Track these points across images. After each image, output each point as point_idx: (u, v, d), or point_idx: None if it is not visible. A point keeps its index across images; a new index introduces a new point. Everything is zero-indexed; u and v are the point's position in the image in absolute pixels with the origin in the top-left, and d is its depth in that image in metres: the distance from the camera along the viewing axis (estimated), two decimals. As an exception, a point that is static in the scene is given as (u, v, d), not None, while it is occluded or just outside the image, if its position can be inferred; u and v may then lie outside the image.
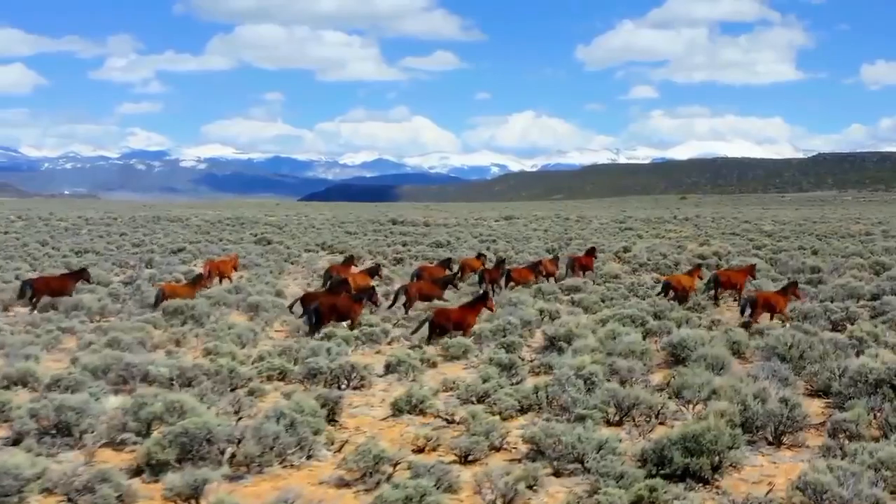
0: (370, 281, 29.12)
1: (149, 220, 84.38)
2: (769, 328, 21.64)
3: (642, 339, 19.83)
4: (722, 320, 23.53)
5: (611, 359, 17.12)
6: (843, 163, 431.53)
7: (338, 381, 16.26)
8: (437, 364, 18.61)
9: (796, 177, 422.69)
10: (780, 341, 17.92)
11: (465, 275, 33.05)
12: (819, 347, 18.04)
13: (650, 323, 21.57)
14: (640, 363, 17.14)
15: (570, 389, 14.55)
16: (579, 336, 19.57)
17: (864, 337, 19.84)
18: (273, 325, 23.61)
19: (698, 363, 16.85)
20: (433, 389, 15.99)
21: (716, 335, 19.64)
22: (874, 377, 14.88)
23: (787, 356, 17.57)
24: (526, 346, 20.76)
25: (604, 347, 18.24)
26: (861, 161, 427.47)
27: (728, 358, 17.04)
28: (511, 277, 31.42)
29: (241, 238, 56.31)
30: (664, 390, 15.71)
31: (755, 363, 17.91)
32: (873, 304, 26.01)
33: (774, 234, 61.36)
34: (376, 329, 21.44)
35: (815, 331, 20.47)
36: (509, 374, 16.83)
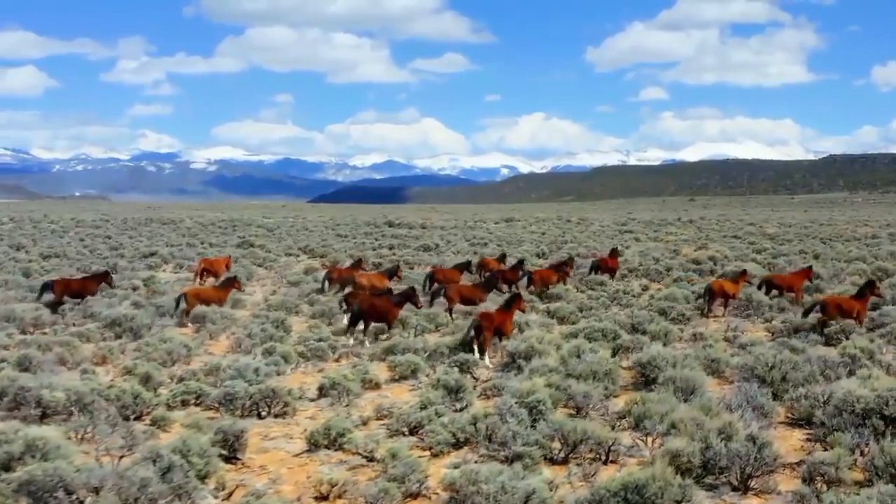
0: (387, 282, 27.95)
1: (140, 223, 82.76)
2: (752, 343, 19.73)
3: (611, 356, 18.03)
4: (704, 333, 21.59)
5: (569, 381, 15.28)
6: (853, 164, 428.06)
7: (257, 408, 14.45)
8: (380, 385, 16.78)
9: (807, 178, 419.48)
10: (760, 361, 16.01)
11: (483, 275, 32.54)
12: (805, 368, 16.15)
13: (623, 338, 19.66)
14: (601, 386, 15.30)
15: (510, 421, 12.69)
16: (541, 353, 17.70)
17: (857, 354, 17.91)
18: (218, 338, 21.80)
19: (666, 386, 14.98)
20: (364, 418, 14.18)
21: (689, 353, 17.71)
22: (861, 406, 12.98)
23: (768, 378, 15.69)
24: (488, 363, 18.93)
25: (565, 367, 16.36)
26: (872, 162, 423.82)
27: (700, 380, 15.12)
28: (532, 280, 30.17)
29: (225, 241, 54.54)
30: (625, 418, 13.93)
31: (734, 385, 16.08)
32: (872, 316, 24.09)
33: (777, 238, 59.31)
34: (324, 344, 19.59)
35: (802, 347, 18.57)
36: (454, 399, 14.99)
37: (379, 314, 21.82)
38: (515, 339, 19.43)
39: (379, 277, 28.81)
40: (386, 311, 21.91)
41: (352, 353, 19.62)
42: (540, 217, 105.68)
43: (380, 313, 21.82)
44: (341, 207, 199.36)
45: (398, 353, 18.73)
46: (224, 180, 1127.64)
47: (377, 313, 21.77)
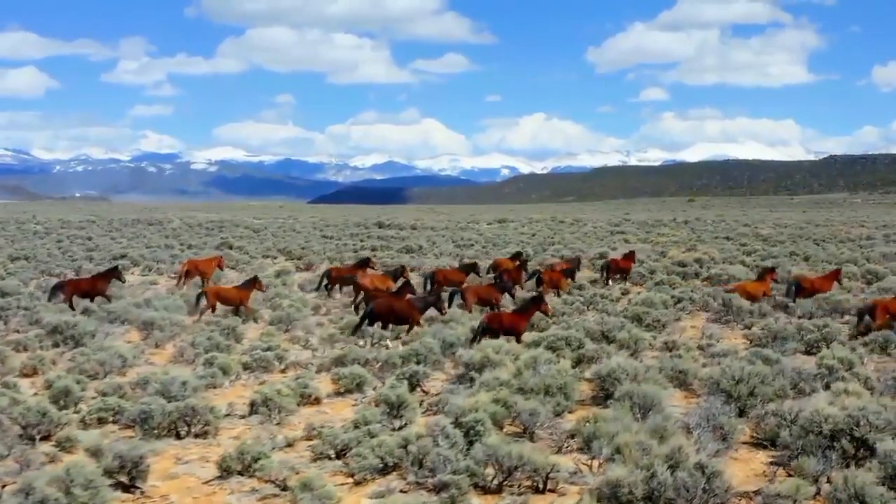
0: (390, 283, 27.05)
1: (126, 224, 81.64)
2: (726, 352, 18.57)
3: (573, 367, 16.88)
4: (677, 342, 20.41)
5: (520, 396, 14.14)
6: (854, 165, 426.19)
7: (175, 427, 13.29)
8: (320, 401, 15.62)
9: (807, 179, 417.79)
10: (727, 374, 14.84)
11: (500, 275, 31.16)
12: (775, 381, 14.99)
13: (587, 347, 18.48)
14: (553, 402, 14.15)
15: (442, 444, 11.54)
16: (496, 364, 16.55)
17: (834, 365, 16.75)
18: (164, 347, 20.65)
19: (622, 402, 13.82)
20: (290, 439, 13.03)
21: (654, 364, 16.54)
22: (830, 427, 11.84)
23: (734, 393, 14.52)
24: (443, 375, 17.82)
25: (518, 380, 15.19)
26: (873, 163, 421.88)
27: (659, 395, 13.95)
28: (542, 280, 29.34)
29: (206, 243, 53.39)
30: (574, 437, 12.80)
31: (700, 399, 14.96)
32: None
33: (770, 239, 58.13)
34: (270, 354, 18.42)
35: (777, 357, 17.40)
36: (395, 416, 13.84)
37: (398, 317, 21.11)
38: (474, 349, 18.27)
39: (382, 278, 27.87)
40: (406, 313, 21.12)
41: (299, 363, 18.45)
42: (534, 218, 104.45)
43: (398, 316, 21.10)
44: (339, 208, 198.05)
45: (347, 363, 17.59)
46: (225, 181, 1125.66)
47: (395, 315, 21.07)
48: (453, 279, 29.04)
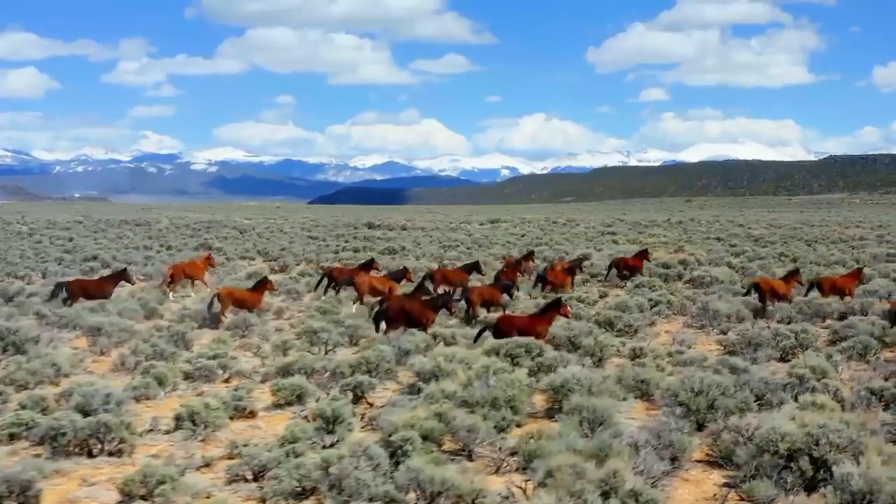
0: (393, 285, 26.68)
1: (113, 225, 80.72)
2: (693, 360, 17.64)
3: (528, 376, 15.95)
4: (645, 349, 19.47)
5: (463, 410, 13.23)
6: (854, 165, 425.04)
7: (87, 445, 12.36)
8: (255, 414, 14.70)
9: (807, 179, 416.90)
10: (686, 385, 13.90)
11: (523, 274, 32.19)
12: (739, 393, 14.06)
13: (546, 355, 17.54)
14: (498, 416, 13.23)
15: (363, 466, 10.61)
16: (447, 374, 15.62)
17: (805, 374, 15.82)
18: (109, 354, 19.72)
19: (572, 416, 12.90)
20: (209, 458, 12.10)
21: (612, 374, 15.60)
22: (787, 446, 10.91)
23: (692, 405, 13.60)
24: (396, 385, 16.91)
25: (465, 391, 14.25)
26: (873, 163, 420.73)
27: (610, 409, 13.01)
28: (546, 281, 29.23)
29: (185, 244, 52.50)
30: (516, 456, 11.90)
31: (661, 412, 14.06)
32: (840, 325, 22.03)
33: (762, 240, 57.19)
34: (213, 363, 17.49)
35: (744, 366, 16.48)
36: (328, 432, 12.90)
37: (411, 318, 20.62)
38: (427, 356, 17.35)
39: (382, 279, 27.30)
40: (419, 314, 20.62)
41: (243, 373, 17.51)
42: (527, 218, 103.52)
43: (411, 317, 20.62)
44: (336, 208, 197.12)
45: (293, 372, 16.65)
46: (225, 181, 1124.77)
47: (408, 317, 20.63)
48: (454, 279, 28.42)
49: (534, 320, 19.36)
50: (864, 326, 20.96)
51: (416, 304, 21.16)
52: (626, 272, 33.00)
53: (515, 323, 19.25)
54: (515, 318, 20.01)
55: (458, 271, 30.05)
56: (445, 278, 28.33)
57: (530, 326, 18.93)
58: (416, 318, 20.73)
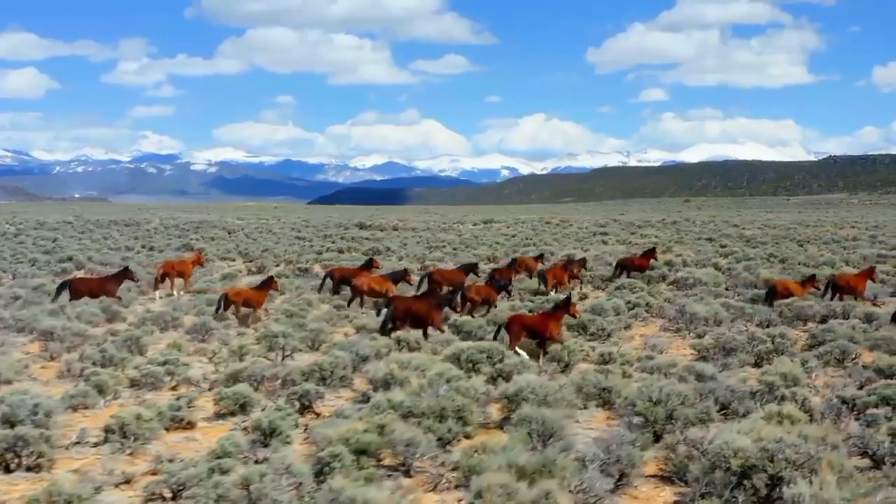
0: (389, 285, 26.41)
1: (102, 225, 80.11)
2: (661, 367, 16.91)
3: (487, 383, 15.29)
4: (615, 354, 18.74)
5: (408, 421, 12.53)
6: (854, 165, 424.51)
7: (4, 459, 11.65)
8: (194, 425, 13.98)
9: (807, 179, 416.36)
10: (643, 394, 13.19)
11: (519, 273, 32.22)
12: (700, 403, 13.35)
13: (509, 360, 16.83)
14: (444, 428, 12.51)
15: (284, 485, 9.90)
16: (399, 382, 14.91)
17: (775, 382, 15.10)
18: (60, 358, 18.99)
19: (521, 427, 12.20)
20: (129, 475, 11.37)
21: (566, 383, 14.88)
22: (740, 462, 10.19)
23: (650, 416, 12.89)
24: (351, 392, 16.21)
25: (411, 401, 13.53)
26: (872, 163, 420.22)
27: (560, 420, 12.29)
28: (545, 280, 29.23)
29: (168, 244, 51.83)
30: (456, 471, 11.19)
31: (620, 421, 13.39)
32: (819, 329, 21.30)
33: (753, 240, 56.48)
34: (161, 370, 16.77)
35: (711, 373, 15.77)
36: (263, 445, 12.21)
37: (415, 317, 20.46)
38: (382, 362, 16.62)
39: (380, 280, 26.96)
40: (425, 313, 20.44)
41: (191, 380, 16.79)
42: (521, 219, 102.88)
43: (416, 316, 20.48)
44: (333, 209, 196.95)
45: (242, 379, 15.94)
46: (224, 182, 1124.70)
47: (413, 316, 20.47)
48: (452, 279, 28.21)
49: (545, 319, 19.12)
50: (843, 330, 20.27)
51: (423, 305, 20.99)
52: (632, 272, 32.99)
53: (527, 322, 19.02)
54: (527, 317, 19.78)
55: (457, 271, 29.88)
56: (445, 278, 28.05)
57: (542, 325, 18.76)
58: (422, 318, 20.56)
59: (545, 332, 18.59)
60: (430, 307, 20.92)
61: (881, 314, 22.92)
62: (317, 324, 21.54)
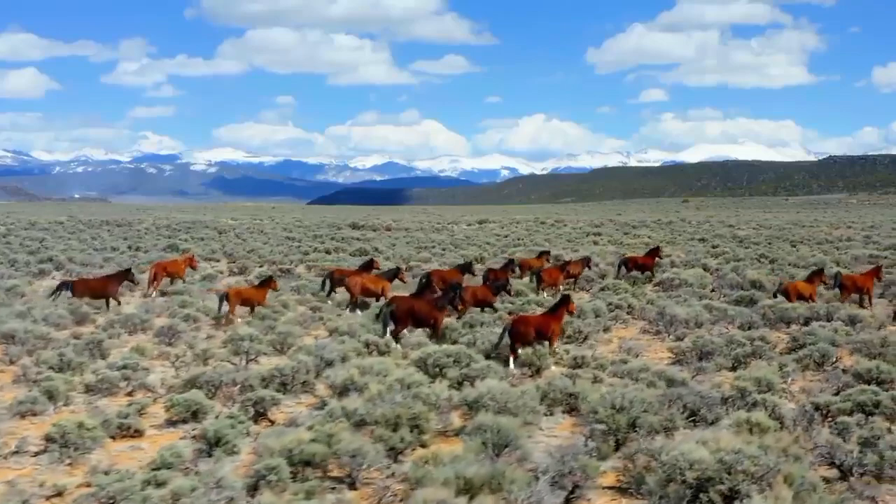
0: (386, 285, 26.30)
1: (94, 225, 79.57)
2: (632, 371, 16.41)
3: (451, 388, 14.80)
4: (588, 358, 18.24)
5: (363, 430, 12.06)
6: (853, 166, 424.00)
7: (-67, 470, 11.18)
8: (142, 433, 13.47)
9: (806, 179, 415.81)
10: (606, 401, 12.70)
11: (523, 274, 32.34)
12: (666, 409, 12.86)
13: (476, 364, 16.33)
14: (396, 437, 12.01)
15: (215, 499, 9.41)
16: (358, 388, 14.44)
17: (747, 387, 14.61)
18: (18, 362, 18.49)
19: (475, 436, 11.70)
20: (60, 487, 10.86)
21: (528, 389, 14.36)
22: (696, 474, 9.71)
23: (611, 424, 12.40)
24: (313, 398, 15.72)
25: (367, 408, 13.02)
26: (872, 164, 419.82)
27: (517, 430, 11.78)
28: (541, 279, 29.04)
29: (155, 244, 51.32)
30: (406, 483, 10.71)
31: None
32: (801, 331, 20.79)
33: (746, 240, 55.97)
34: (116, 374, 16.27)
35: (682, 378, 15.29)
36: (209, 455, 11.72)
37: (419, 318, 20.36)
38: (343, 366, 16.13)
39: (375, 280, 26.82)
40: (427, 314, 20.36)
41: (147, 385, 16.27)
42: (517, 219, 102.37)
43: (418, 317, 20.36)
44: (334, 209, 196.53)
45: (199, 385, 15.45)
46: (224, 182, 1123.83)
47: (416, 317, 20.35)
48: (450, 279, 27.78)
49: (548, 318, 19.09)
50: (824, 333, 19.76)
51: (425, 305, 20.86)
52: (635, 271, 32.90)
53: (532, 322, 18.88)
54: (531, 317, 19.65)
55: (454, 271, 29.78)
56: (443, 279, 27.83)
57: (545, 325, 18.73)
58: (424, 318, 20.46)
59: (549, 332, 18.68)
60: (432, 307, 20.80)
61: (863, 316, 22.44)
62: (287, 326, 21.04)
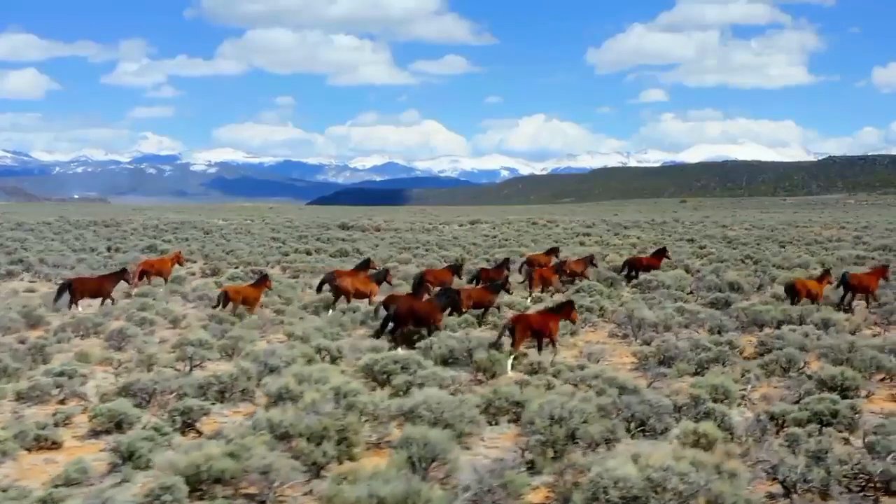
0: (373, 287, 26.19)
1: (81, 226, 78.91)
2: (586, 378, 15.75)
3: (390, 397, 14.17)
4: (546, 364, 17.58)
5: (285, 444, 11.41)
6: (853, 166, 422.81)
7: None
8: (61, 445, 12.81)
9: (806, 180, 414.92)
10: (544, 411, 12.04)
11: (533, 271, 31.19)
12: (606, 420, 12.22)
13: (422, 371, 15.68)
14: (318, 452, 11.37)
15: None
16: (293, 397, 13.77)
17: (701, 395, 13.97)
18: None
19: (403, 450, 11.05)
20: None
21: (468, 398, 13.68)
22: (620, 493, 9.07)
23: (547, 436, 11.75)
24: (252, 407, 15.07)
25: (294, 420, 12.35)
26: (872, 164, 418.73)
27: (447, 444, 11.11)
28: (531, 280, 28.71)
29: (135, 245, 50.69)
30: (321, 502, 10.06)
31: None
32: (762, 339, 20.03)
33: (735, 241, 55.31)
34: (48, 381, 15.61)
35: (635, 386, 14.64)
36: (120, 468, 11.08)
37: (418, 318, 20.20)
38: (283, 375, 15.47)
39: (365, 281, 26.60)
40: (427, 314, 20.23)
41: (77, 393, 15.61)
42: (509, 220, 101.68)
43: (418, 317, 20.20)
44: (332, 209, 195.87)
45: (135, 393, 14.79)
46: (224, 182, 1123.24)
47: (416, 317, 20.17)
48: (443, 279, 28.10)
49: (547, 318, 18.92)
50: (794, 337, 19.10)
51: (426, 305, 20.77)
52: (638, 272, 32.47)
53: (531, 321, 18.70)
54: (531, 316, 19.40)
55: (444, 271, 29.69)
56: (436, 279, 27.84)
57: (544, 324, 18.60)
58: (424, 318, 20.28)
59: (547, 332, 18.55)
60: (433, 307, 20.67)
61: (837, 320, 21.81)
62: (242, 331, 20.37)
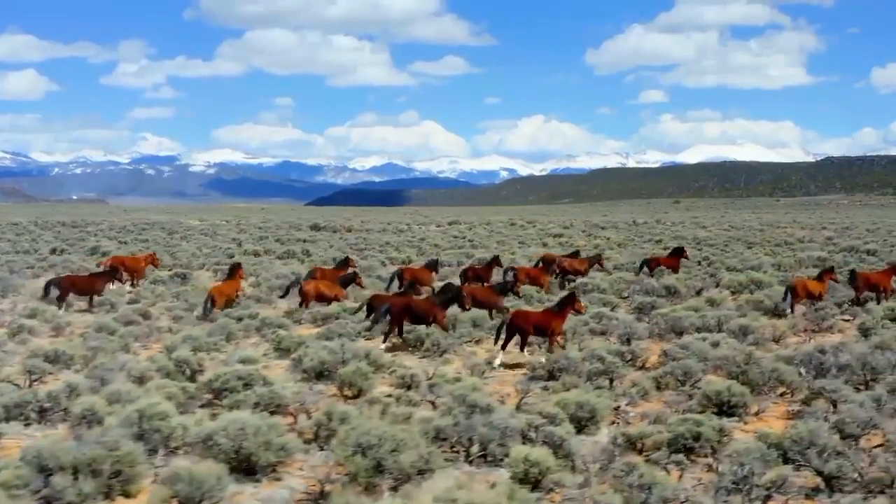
0: (340, 291, 25.89)
1: (47, 226, 77.70)
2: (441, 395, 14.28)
3: (209, 419, 12.69)
4: (419, 377, 16.12)
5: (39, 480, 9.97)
6: (851, 166, 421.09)
7: None
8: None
9: (804, 180, 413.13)
10: (349, 439, 10.57)
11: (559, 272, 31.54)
12: (422, 448, 10.77)
13: (261, 389, 14.21)
14: (74, 492, 9.90)
15: None
16: (98, 419, 12.33)
17: (558, 414, 12.54)
18: None
19: (165, 489, 9.60)
20: None
21: (274, 423, 12.18)
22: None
23: (353, 467, 10.29)
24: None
25: (68, 449, 10.87)
26: (870, 164, 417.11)
27: (221, 481, 9.67)
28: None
29: (81, 247, 49.38)
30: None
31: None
32: (678, 344, 18.59)
33: (703, 242, 53.94)
34: None
35: (486, 403, 13.14)
36: None
37: (417, 316, 19.99)
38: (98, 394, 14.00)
39: (330, 285, 25.96)
40: (427, 312, 19.96)
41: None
42: (492, 220, 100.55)
43: (418, 315, 19.99)
44: (328, 210, 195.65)
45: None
46: (223, 183, 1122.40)
47: (414, 315, 19.99)
48: (422, 277, 27.84)
49: (548, 316, 18.58)
50: (698, 346, 17.61)
51: (424, 303, 20.63)
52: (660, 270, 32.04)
53: (531, 318, 18.45)
54: (531, 313, 19.22)
55: (422, 269, 29.53)
56: (415, 277, 27.74)
57: (545, 321, 18.25)
58: (424, 316, 20.03)
59: (548, 329, 18.27)
60: (432, 305, 20.33)
61: (756, 327, 20.36)
62: (98, 342, 18.84)
